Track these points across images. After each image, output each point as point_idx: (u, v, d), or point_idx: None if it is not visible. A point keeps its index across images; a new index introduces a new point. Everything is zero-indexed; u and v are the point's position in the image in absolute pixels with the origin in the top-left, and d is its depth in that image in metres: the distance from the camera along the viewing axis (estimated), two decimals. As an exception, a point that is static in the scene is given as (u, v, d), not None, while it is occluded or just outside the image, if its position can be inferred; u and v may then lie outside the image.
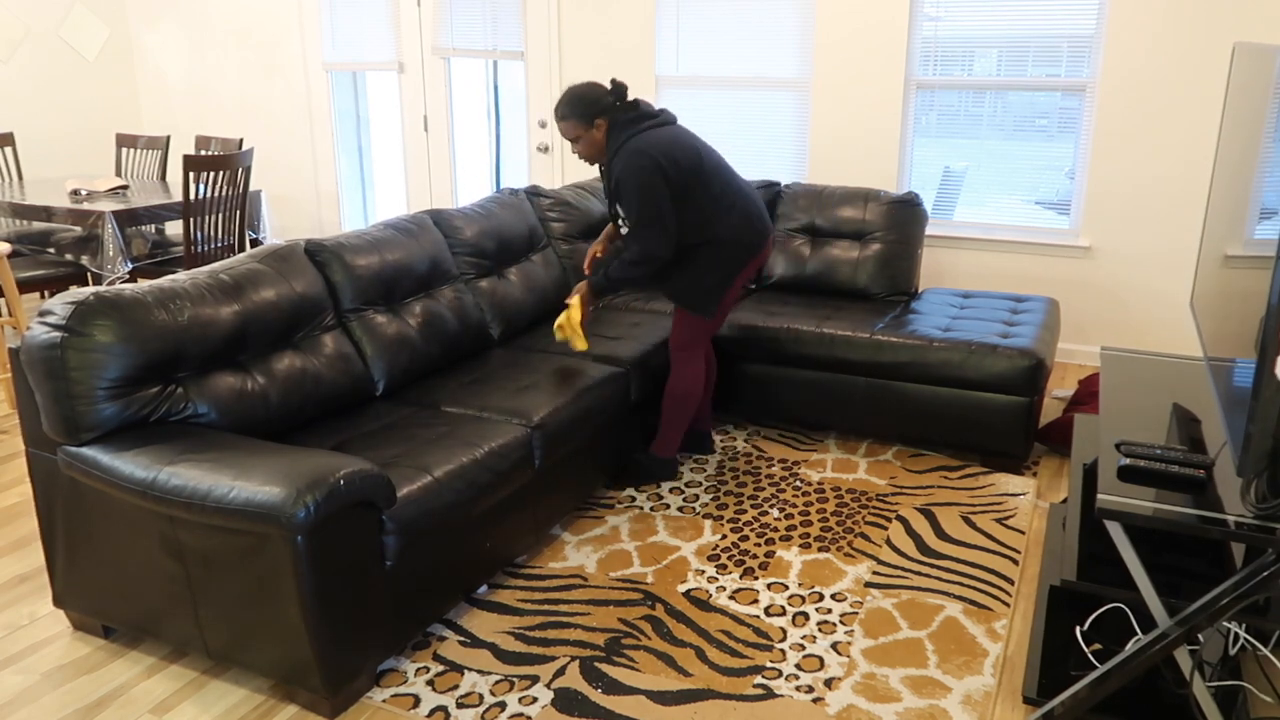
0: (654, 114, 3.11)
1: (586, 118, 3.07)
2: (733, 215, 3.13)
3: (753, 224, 3.18)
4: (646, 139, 3.01)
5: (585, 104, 3.06)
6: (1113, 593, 2.09)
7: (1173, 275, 4.46)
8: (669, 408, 3.35)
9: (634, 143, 3.01)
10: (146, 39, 6.76)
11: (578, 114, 3.06)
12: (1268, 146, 2.07)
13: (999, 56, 4.55)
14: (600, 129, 3.08)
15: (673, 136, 3.06)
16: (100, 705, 2.30)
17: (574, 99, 3.07)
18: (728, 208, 3.12)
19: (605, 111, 3.07)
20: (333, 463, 2.13)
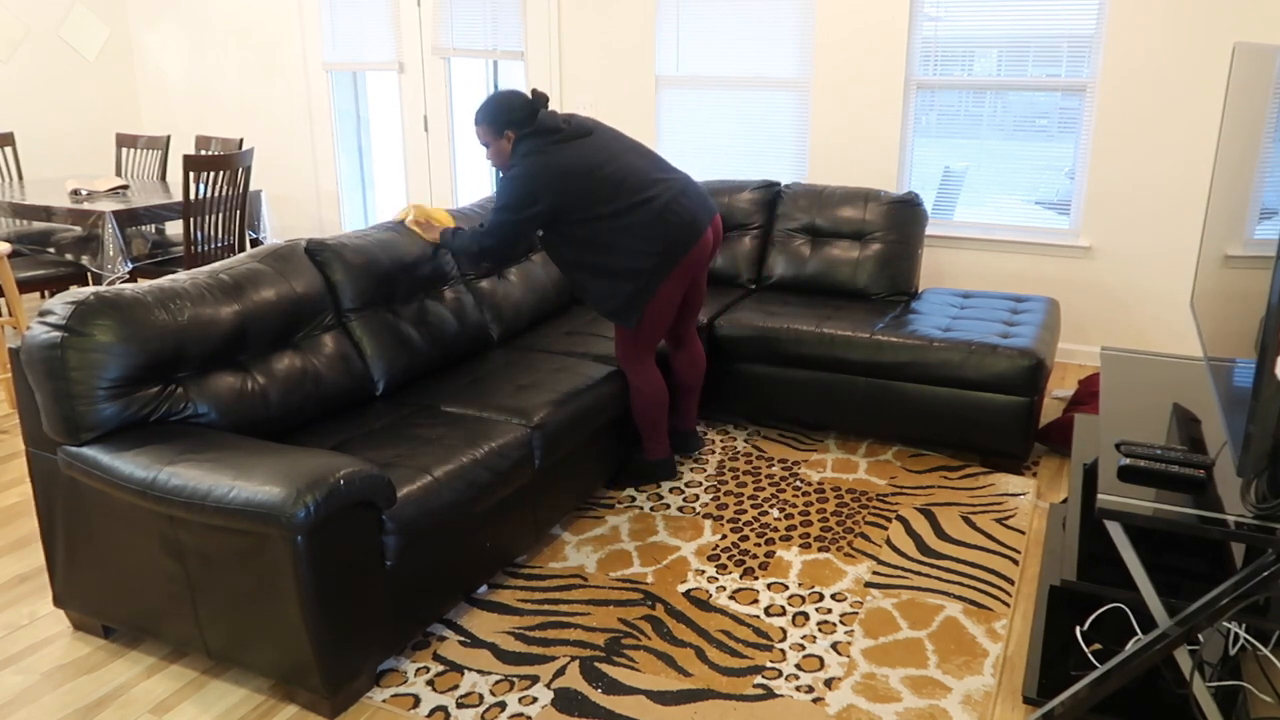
0: (556, 129, 3.05)
1: (496, 127, 3.07)
2: (636, 228, 3.05)
3: (669, 228, 3.08)
4: (539, 162, 2.99)
5: (498, 113, 3.06)
6: (1113, 593, 2.09)
7: (1173, 275, 4.46)
8: (637, 416, 3.32)
9: (528, 162, 3.00)
10: (147, 39, 6.76)
11: (489, 121, 3.07)
12: (1268, 146, 2.06)
13: (999, 56, 4.55)
14: (509, 140, 3.07)
15: (565, 160, 3.01)
16: (100, 705, 2.30)
17: (489, 106, 3.08)
18: (630, 222, 3.05)
19: (515, 124, 3.06)
20: (333, 463, 2.13)
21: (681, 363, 3.50)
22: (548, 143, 3.02)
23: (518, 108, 3.05)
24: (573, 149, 3.04)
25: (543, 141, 3.02)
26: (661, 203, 3.08)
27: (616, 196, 3.05)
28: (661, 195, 3.10)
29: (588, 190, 3.03)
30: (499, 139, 3.08)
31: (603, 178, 3.04)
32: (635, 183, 3.08)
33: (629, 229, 3.05)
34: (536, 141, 3.02)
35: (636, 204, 3.06)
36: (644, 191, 3.08)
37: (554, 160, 3.00)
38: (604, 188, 3.04)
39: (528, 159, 3.00)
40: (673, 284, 3.14)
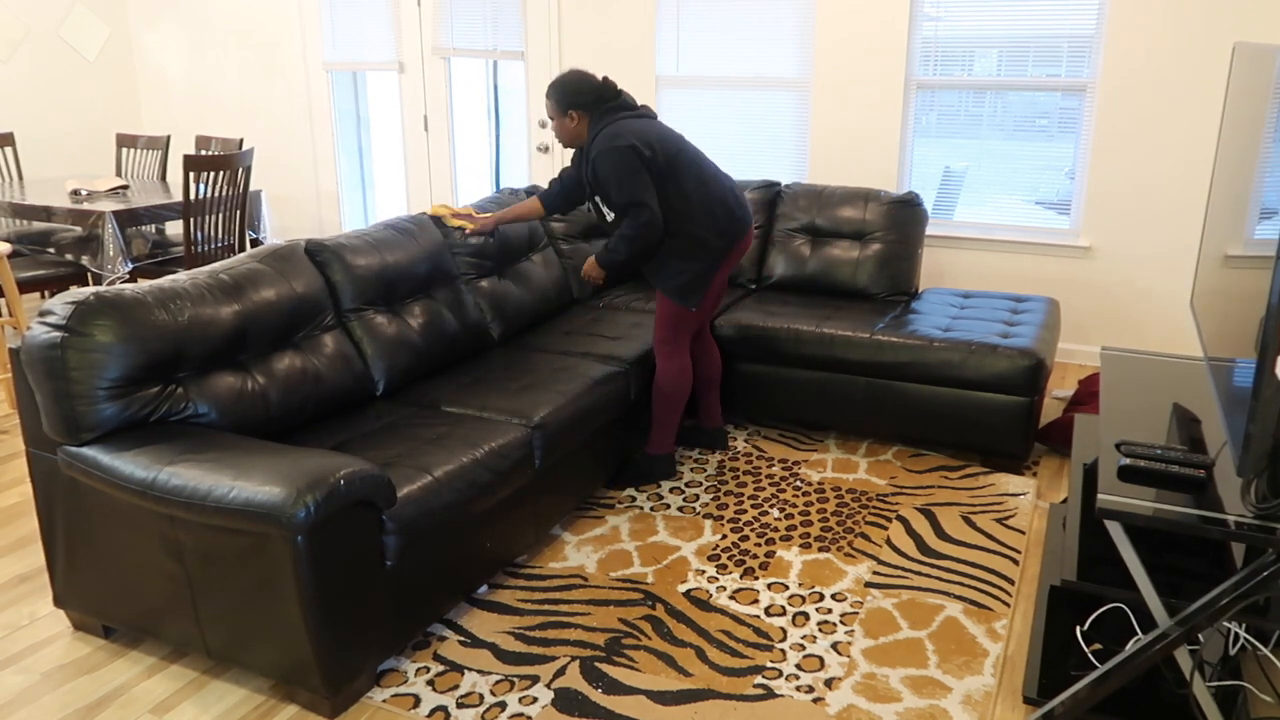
0: (634, 107, 3.17)
1: (562, 106, 3.15)
2: (712, 205, 3.17)
3: (732, 214, 3.21)
4: (621, 126, 3.08)
5: (566, 93, 3.13)
6: (1113, 593, 2.09)
7: (1173, 275, 4.46)
8: (659, 404, 3.35)
9: (610, 129, 3.07)
10: (147, 39, 6.76)
11: (555, 98, 3.15)
12: (1268, 146, 2.06)
13: (999, 57, 4.55)
14: (573, 119, 3.15)
15: (649, 125, 3.13)
16: (100, 705, 2.30)
17: (559, 84, 3.15)
18: (706, 197, 3.16)
19: (582, 106, 3.13)
20: (333, 463, 2.13)
21: (702, 354, 3.56)
22: (624, 116, 3.12)
23: (586, 90, 3.13)
24: (649, 123, 3.16)
25: (619, 115, 3.12)
26: (728, 187, 3.25)
27: (697, 172, 3.17)
28: (726, 181, 3.26)
29: (674, 155, 3.13)
30: (563, 116, 3.16)
31: (683, 150, 3.17)
32: (708, 165, 3.23)
33: (706, 206, 3.16)
34: (612, 117, 3.11)
35: (712, 181, 3.19)
36: (715, 174, 3.23)
37: (633, 125, 3.09)
38: (684, 160, 3.15)
39: (608, 131, 3.07)
40: (724, 269, 3.30)
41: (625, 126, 3.08)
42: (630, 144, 3.03)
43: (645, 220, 3.07)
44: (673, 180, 3.12)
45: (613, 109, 3.13)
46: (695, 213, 3.15)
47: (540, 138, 5.67)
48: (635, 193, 3.05)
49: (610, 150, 3.03)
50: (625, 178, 3.04)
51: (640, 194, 3.05)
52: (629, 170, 3.04)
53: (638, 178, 3.05)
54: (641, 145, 3.06)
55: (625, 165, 3.03)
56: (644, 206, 3.05)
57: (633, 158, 3.04)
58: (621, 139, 3.04)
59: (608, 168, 3.04)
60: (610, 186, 3.06)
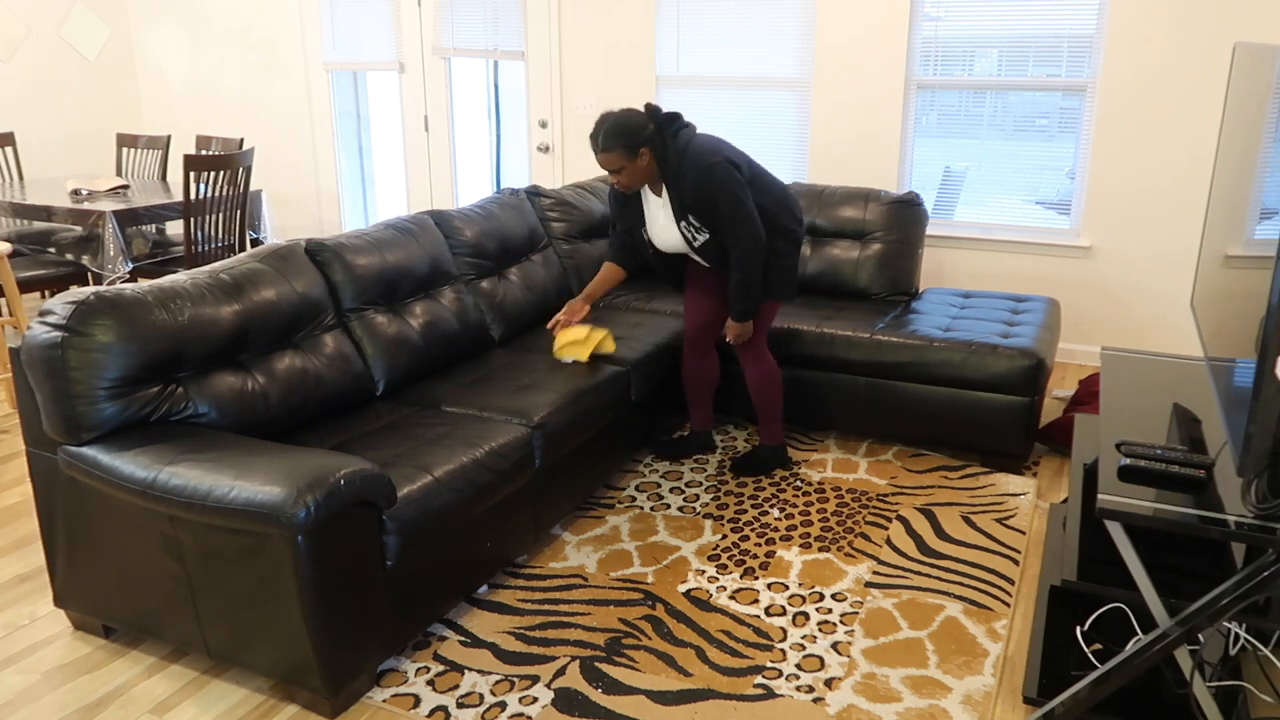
0: (682, 121, 3.16)
1: (631, 149, 3.04)
2: (785, 195, 3.24)
3: (797, 206, 3.29)
4: (702, 145, 3.08)
5: (629, 134, 3.03)
6: (1113, 593, 2.09)
7: (1173, 275, 4.46)
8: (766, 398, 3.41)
9: (694, 151, 3.05)
10: (147, 39, 6.76)
11: (623, 145, 3.03)
12: (1268, 146, 2.06)
13: (999, 56, 4.55)
14: (644, 158, 3.08)
15: (713, 138, 3.16)
16: (100, 705, 2.30)
17: (616, 130, 3.03)
18: (782, 197, 3.22)
19: (648, 141, 3.06)
20: (333, 463, 2.13)
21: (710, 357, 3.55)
22: (685, 135, 3.11)
23: (646, 124, 3.06)
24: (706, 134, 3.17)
25: (681, 135, 3.10)
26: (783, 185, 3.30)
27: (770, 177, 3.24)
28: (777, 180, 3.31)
29: (751, 168, 3.18)
30: (634, 160, 3.06)
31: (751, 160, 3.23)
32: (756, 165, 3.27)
33: (782, 198, 3.21)
34: (680, 139, 3.09)
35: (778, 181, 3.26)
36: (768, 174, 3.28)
37: (704, 142, 3.10)
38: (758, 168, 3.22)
39: (693, 154, 3.05)
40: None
41: (702, 145, 3.08)
42: (725, 158, 3.05)
43: (757, 234, 3.08)
44: (757, 181, 3.17)
45: (673, 132, 3.10)
46: (778, 207, 3.18)
47: (540, 138, 5.67)
48: (743, 209, 3.06)
49: (710, 169, 3.03)
50: (737, 192, 3.05)
51: (748, 205, 3.07)
52: (737, 184, 3.06)
53: (745, 190, 3.07)
54: (734, 155, 3.10)
55: (733, 180, 3.05)
56: (750, 220, 3.06)
57: (732, 171, 3.05)
58: (713, 155, 3.05)
59: (716, 188, 3.03)
60: (723, 204, 3.05)
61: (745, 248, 3.09)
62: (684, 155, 3.06)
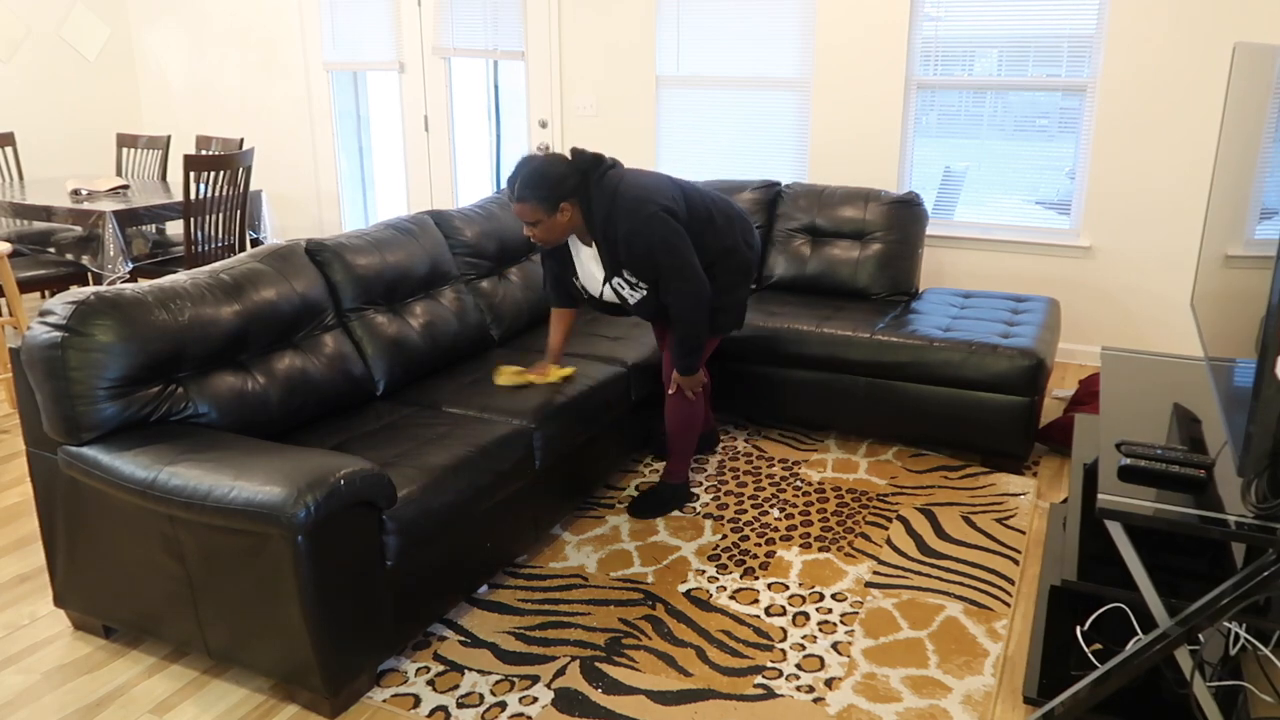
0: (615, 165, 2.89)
1: (550, 203, 2.74)
2: (731, 219, 3.03)
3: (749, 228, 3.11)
4: (632, 190, 2.79)
5: (548, 186, 2.73)
6: (1113, 593, 2.09)
7: (1173, 275, 4.46)
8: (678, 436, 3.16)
9: (625, 199, 2.77)
10: (147, 39, 6.76)
11: (539, 198, 2.73)
12: (1268, 146, 2.06)
13: (999, 56, 4.55)
14: (566, 213, 2.78)
15: (641, 176, 2.87)
16: (101, 705, 2.30)
17: (535, 180, 2.73)
18: (724, 215, 3.02)
19: (571, 193, 2.77)
20: (333, 463, 2.13)
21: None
22: (613, 179, 2.82)
23: (568, 174, 2.77)
24: (637, 173, 2.88)
25: (608, 179, 2.81)
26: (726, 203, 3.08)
27: (703, 197, 2.99)
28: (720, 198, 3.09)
29: (692, 206, 2.93)
30: (554, 214, 2.76)
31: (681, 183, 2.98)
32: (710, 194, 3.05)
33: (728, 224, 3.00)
34: (605, 186, 2.79)
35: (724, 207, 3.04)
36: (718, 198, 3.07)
37: (635, 184, 2.81)
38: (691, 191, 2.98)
39: (622, 204, 2.77)
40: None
41: (632, 190, 2.78)
42: (661, 205, 2.78)
43: (697, 287, 2.83)
44: (699, 217, 2.93)
45: (598, 177, 2.80)
46: (726, 238, 2.98)
47: (540, 138, 5.67)
48: (685, 254, 2.82)
49: (648, 220, 2.76)
50: (676, 242, 2.80)
51: (688, 255, 2.83)
52: (676, 233, 2.80)
53: (684, 239, 2.82)
54: (665, 200, 2.81)
55: (670, 230, 2.79)
56: (690, 271, 2.82)
57: (668, 219, 2.79)
58: (648, 204, 2.77)
59: (653, 240, 2.77)
60: (660, 256, 2.79)
61: (684, 305, 2.84)
62: (614, 203, 2.77)
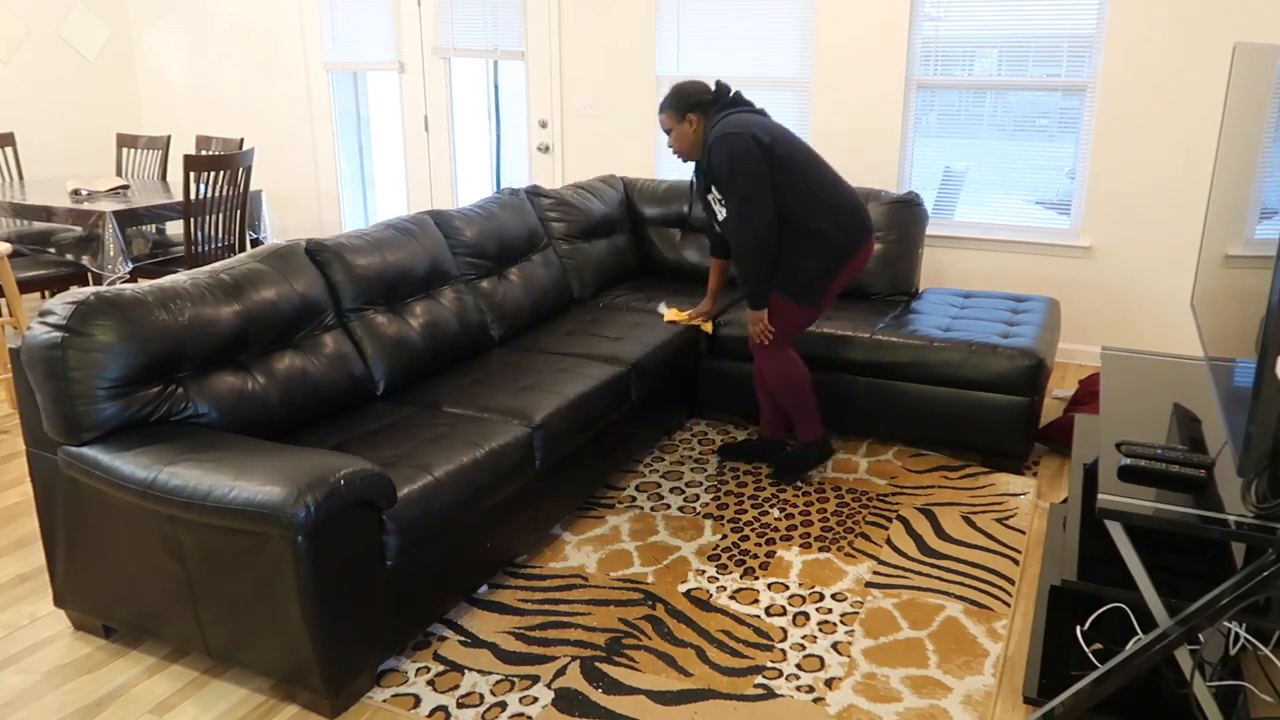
0: (750, 105, 3.14)
1: (680, 110, 3.12)
2: (836, 200, 3.11)
3: (855, 218, 3.15)
4: (738, 120, 3.03)
5: (681, 97, 3.12)
6: (1113, 593, 2.09)
7: (1173, 275, 4.46)
8: (785, 397, 3.30)
9: (726, 124, 3.01)
10: (147, 39, 6.76)
11: (672, 105, 3.12)
12: (1268, 146, 2.07)
13: (999, 56, 4.55)
14: (693, 124, 3.12)
15: (768, 120, 3.09)
16: (101, 705, 2.30)
17: (674, 91, 3.14)
18: (829, 191, 3.10)
19: (699, 107, 3.10)
20: (333, 463, 2.13)
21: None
22: (739, 111, 3.07)
23: (702, 90, 3.12)
24: (768, 120, 3.10)
25: (734, 110, 3.07)
26: (850, 195, 3.16)
27: (819, 168, 3.10)
28: (846, 187, 3.18)
29: (793, 149, 3.06)
30: (681, 122, 3.13)
31: (804, 150, 3.10)
32: (830, 169, 3.15)
33: (829, 200, 3.08)
34: (728, 112, 3.07)
35: (832, 183, 3.11)
36: (837, 178, 3.16)
37: (750, 118, 3.04)
38: (806, 154, 3.09)
39: (725, 122, 3.02)
40: (842, 277, 3.20)
41: (743, 119, 3.03)
42: (750, 132, 2.98)
43: (760, 224, 3.00)
44: (796, 170, 3.04)
45: (728, 105, 3.09)
46: (817, 205, 3.07)
47: (540, 138, 5.67)
48: (751, 183, 2.98)
49: (726, 137, 2.98)
50: (742, 166, 2.97)
51: (755, 185, 2.98)
52: (747, 158, 2.97)
53: (756, 171, 2.98)
54: (761, 133, 3.00)
55: (743, 152, 2.97)
56: (756, 198, 2.98)
57: (751, 145, 2.97)
58: (740, 128, 2.99)
59: (723, 156, 2.98)
60: (724, 174, 3.00)
61: (741, 233, 3.03)
62: (719, 124, 3.04)
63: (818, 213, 3.08)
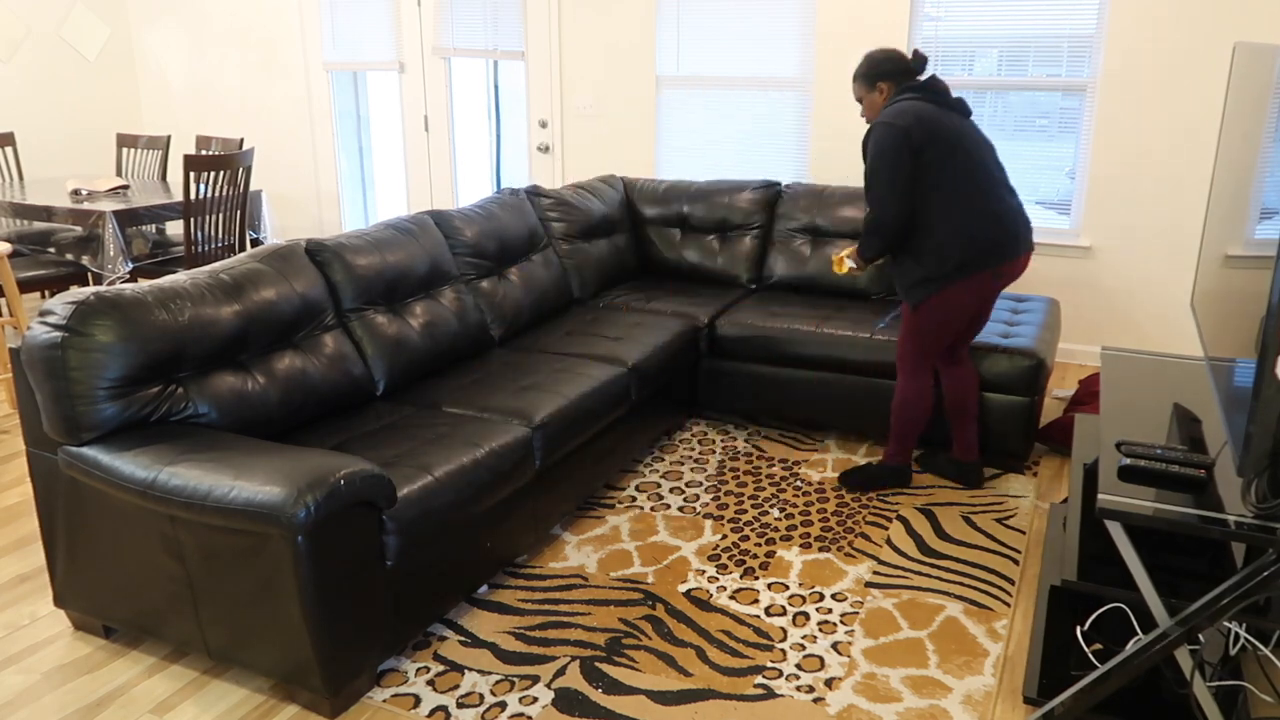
0: (936, 88, 3.03)
1: (870, 79, 3.09)
2: (975, 216, 2.96)
3: (993, 234, 2.98)
4: (906, 108, 2.96)
5: (872, 64, 3.09)
6: (1113, 593, 2.09)
7: (1173, 275, 4.46)
8: (897, 419, 3.26)
9: (891, 111, 2.97)
10: (147, 39, 6.76)
11: (864, 74, 3.10)
12: (1268, 146, 2.07)
13: (999, 56, 4.55)
14: (883, 91, 3.08)
15: (934, 112, 2.97)
16: (101, 705, 2.30)
17: (865, 59, 3.11)
18: (971, 205, 2.96)
19: (890, 76, 3.07)
20: (333, 463, 2.13)
21: (952, 381, 3.32)
22: (917, 97, 3.00)
23: (892, 59, 3.07)
24: (942, 112, 3.00)
25: (914, 95, 3.01)
26: (999, 209, 3.00)
27: (967, 179, 2.97)
28: (1004, 202, 3.02)
29: (950, 151, 2.96)
30: (871, 91, 3.10)
31: (967, 149, 2.98)
32: (986, 178, 3.01)
33: (966, 215, 2.97)
34: (907, 95, 3.01)
35: (978, 194, 2.98)
36: (991, 189, 3.01)
37: (920, 108, 2.96)
38: (965, 158, 2.97)
39: (892, 108, 2.98)
40: (968, 290, 3.03)
41: (912, 107, 2.95)
42: (905, 125, 2.91)
43: (880, 211, 2.97)
44: (939, 175, 2.95)
45: (911, 87, 3.02)
46: (950, 217, 2.96)
47: (540, 138, 5.67)
48: (881, 181, 2.95)
49: (881, 125, 2.95)
50: (882, 159, 2.94)
51: (889, 174, 2.94)
52: (890, 152, 2.93)
53: (894, 166, 2.93)
54: (918, 129, 2.91)
55: (888, 146, 2.93)
56: (885, 185, 2.94)
57: (899, 142, 2.91)
58: (900, 118, 2.93)
59: (872, 144, 2.96)
60: (868, 160, 2.98)
61: (868, 215, 3.02)
62: (887, 109, 3.00)
63: (948, 225, 2.97)
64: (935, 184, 2.96)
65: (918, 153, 2.93)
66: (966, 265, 2.99)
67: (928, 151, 2.94)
